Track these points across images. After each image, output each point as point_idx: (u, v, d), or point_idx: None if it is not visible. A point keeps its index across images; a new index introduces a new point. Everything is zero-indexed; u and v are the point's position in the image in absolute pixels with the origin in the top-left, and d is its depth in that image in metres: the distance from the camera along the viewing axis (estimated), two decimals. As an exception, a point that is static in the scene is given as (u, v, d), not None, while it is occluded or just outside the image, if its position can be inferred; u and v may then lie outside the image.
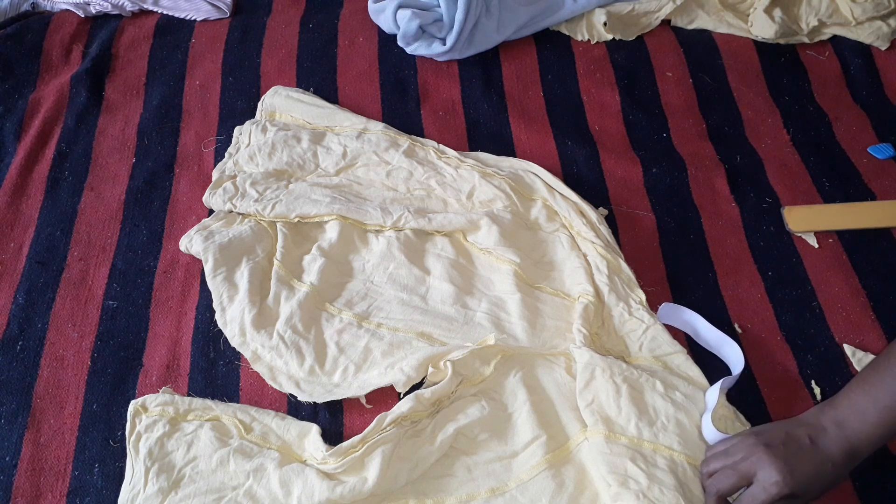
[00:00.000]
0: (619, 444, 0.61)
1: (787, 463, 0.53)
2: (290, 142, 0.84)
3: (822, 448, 0.54)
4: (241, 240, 0.76)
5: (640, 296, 0.72)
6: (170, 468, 0.62)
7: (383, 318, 0.72)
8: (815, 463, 0.53)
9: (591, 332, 0.69)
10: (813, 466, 0.53)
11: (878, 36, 0.97)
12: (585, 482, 0.61)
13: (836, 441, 0.54)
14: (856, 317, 0.73)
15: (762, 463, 0.54)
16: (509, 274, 0.73)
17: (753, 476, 0.54)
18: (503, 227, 0.76)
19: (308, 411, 0.67)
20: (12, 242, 0.80)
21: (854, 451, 0.54)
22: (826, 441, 0.54)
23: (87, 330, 0.73)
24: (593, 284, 0.72)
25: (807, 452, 0.54)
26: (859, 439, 0.53)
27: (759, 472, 0.54)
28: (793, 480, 0.53)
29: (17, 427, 0.67)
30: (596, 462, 0.61)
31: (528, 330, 0.70)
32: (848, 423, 0.54)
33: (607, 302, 0.72)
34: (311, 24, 1.00)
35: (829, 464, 0.53)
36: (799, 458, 0.53)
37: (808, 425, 0.55)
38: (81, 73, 0.95)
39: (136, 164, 0.87)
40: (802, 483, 0.53)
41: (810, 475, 0.53)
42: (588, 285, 0.72)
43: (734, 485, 0.55)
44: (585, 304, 0.70)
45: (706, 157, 0.87)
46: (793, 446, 0.54)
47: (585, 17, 0.99)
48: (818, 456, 0.53)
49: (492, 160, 0.84)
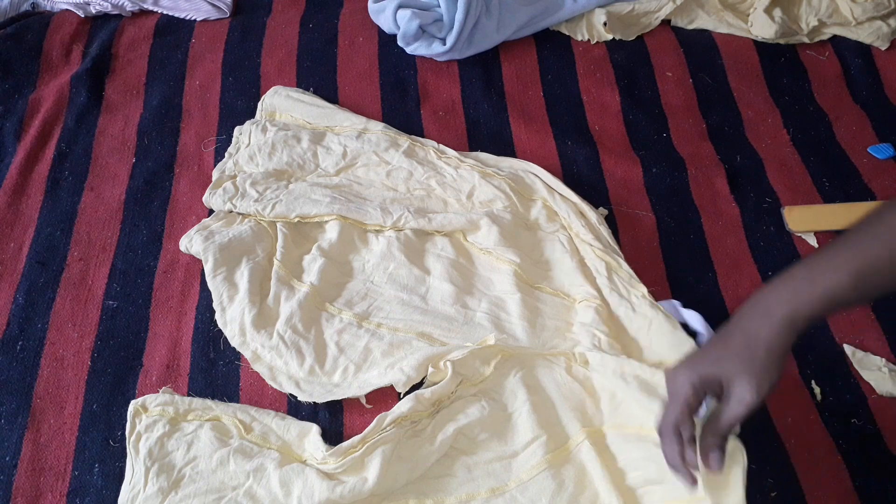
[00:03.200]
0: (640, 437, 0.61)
1: (756, 375, 0.51)
2: (290, 142, 0.84)
3: (778, 345, 0.51)
4: (241, 240, 0.76)
5: (642, 289, 0.72)
6: (170, 468, 0.62)
7: (383, 318, 0.72)
8: (778, 366, 0.52)
9: (611, 334, 0.69)
10: (777, 370, 0.52)
11: (878, 36, 0.97)
12: (585, 482, 0.61)
13: (787, 334, 0.51)
14: (856, 317, 0.73)
15: (736, 377, 0.52)
16: (509, 274, 0.73)
17: (725, 388, 0.53)
18: (503, 228, 0.76)
19: (308, 411, 0.67)
20: (12, 242, 0.80)
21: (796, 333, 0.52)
22: (780, 335, 0.51)
23: (87, 330, 0.73)
24: (595, 286, 0.72)
25: (766, 355, 0.51)
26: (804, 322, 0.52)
27: (733, 387, 0.52)
28: (764, 389, 0.51)
29: (17, 427, 0.67)
30: (622, 450, 0.61)
31: (528, 330, 0.70)
32: (799, 312, 0.51)
33: (610, 303, 0.72)
34: (311, 24, 1.00)
35: (783, 358, 0.52)
36: (764, 363, 0.51)
37: (760, 321, 0.52)
38: (81, 73, 0.95)
39: (136, 164, 0.87)
40: (770, 387, 0.52)
41: (775, 377, 0.52)
42: (590, 287, 0.72)
43: (700, 398, 0.54)
44: (595, 307, 0.70)
45: (706, 157, 0.87)
46: (757, 353, 0.52)
47: (585, 17, 0.99)
48: (777, 353, 0.51)
49: (492, 160, 0.84)
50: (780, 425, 0.66)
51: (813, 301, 0.51)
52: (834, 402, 0.69)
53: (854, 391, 0.69)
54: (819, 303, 0.50)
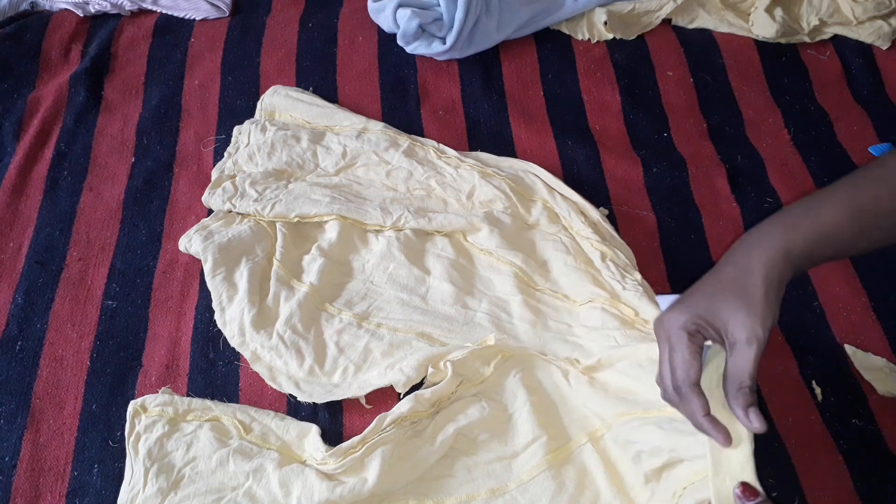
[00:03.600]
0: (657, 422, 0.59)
1: (754, 310, 0.47)
2: (290, 141, 0.84)
3: (774, 278, 0.48)
4: (240, 240, 0.75)
5: (637, 276, 0.71)
6: (169, 468, 0.62)
7: (383, 319, 0.71)
8: (776, 301, 0.48)
9: (624, 325, 0.68)
10: (775, 305, 0.48)
11: (879, 35, 0.97)
12: (586, 483, 0.61)
13: (783, 267, 0.48)
14: (856, 317, 0.73)
15: (733, 317, 0.47)
16: (510, 275, 0.73)
17: (723, 332, 0.48)
18: (504, 229, 0.75)
19: (308, 411, 0.67)
20: (11, 242, 0.80)
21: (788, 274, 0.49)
22: (776, 268, 0.48)
23: (87, 330, 0.73)
24: (599, 284, 0.71)
25: (763, 287, 0.48)
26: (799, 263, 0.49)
27: (733, 329, 0.47)
28: (768, 324, 0.47)
29: (17, 427, 0.67)
30: (637, 439, 0.59)
31: (528, 331, 0.70)
32: (795, 244, 0.48)
33: (610, 285, 0.71)
34: (311, 24, 1.00)
35: (779, 294, 0.48)
36: (761, 296, 0.47)
37: (754, 253, 0.49)
38: (80, 72, 0.95)
39: (136, 164, 0.86)
40: (772, 324, 0.48)
41: (775, 313, 0.48)
42: (593, 287, 0.71)
43: (699, 343, 0.49)
44: (601, 307, 0.69)
45: (707, 157, 0.87)
46: (752, 285, 0.48)
47: (586, 17, 0.99)
48: (774, 287, 0.48)
49: (492, 160, 0.84)
50: (780, 425, 0.66)
51: (809, 235, 0.48)
52: (834, 402, 0.68)
53: (854, 391, 0.69)
54: (816, 237, 0.48)
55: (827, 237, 0.48)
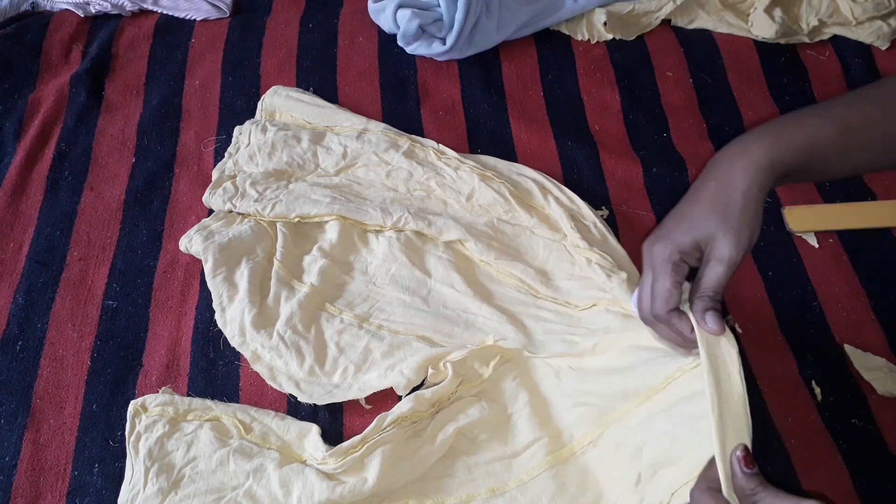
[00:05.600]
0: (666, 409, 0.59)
1: (732, 227, 0.47)
2: (290, 142, 0.84)
3: (756, 188, 0.48)
4: (240, 240, 0.76)
5: (623, 275, 0.69)
6: (169, 468, 0.62)
7: (384, 320, 0.71)
8: (756, 213, 0.48)
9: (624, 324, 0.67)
10: (756, 218, 0.48)
11: (879, 36, 0.97)
12: (587, 483, 0.61)
13: (765, 177, 0.48)
14: (856, 317, 0.73)
15: (713, 237, 0.48)
16: (510, 286, 0.73)
17: (704, 251, 0.49)
18: (501, 238, 0.75)
19: (308, 411, 0.67)
20: (12, 242, 0.80)
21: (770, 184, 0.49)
22: (758, 177, 0.48)
23: (87, 330, 0.73)
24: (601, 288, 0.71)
25: (742, 200, 0.48)
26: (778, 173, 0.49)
27: (712, 247, 0.48)
28: (744, 242, 0.48)
29: (17, 427, 0.67)
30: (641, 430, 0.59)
31: (525, 343, 0.69)
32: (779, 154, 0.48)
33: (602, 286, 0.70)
34: (311, 24, 1.00)
35: (760, 204, 0.49)
36: (741, 209, 0.47)
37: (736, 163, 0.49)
38: (81, 72, 0.95)
39: (136, 164, 0.86)
40: (749, 239, 0.48)
41: (755, 227, 0.48)
42: (595, 290, 0.71)
43: (684, 272, 0.50)
44: (604, 309, 0.69)
45: (707, 157, 0.85)
46: (732, 198, 0.48)
47: (585, 17, 0.99)
48: (755, 198, 0.48)
49: (491, 162, 0.84)
50: (780, 425, 0.66)
51: (795, 145, 0.48)
52: (834, 402, 0.68)
53: (854, 391, 0.69)
54: (801, 148, 0.47)
55: (814, 150, 0.48)
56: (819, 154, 0.48)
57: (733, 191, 0.48)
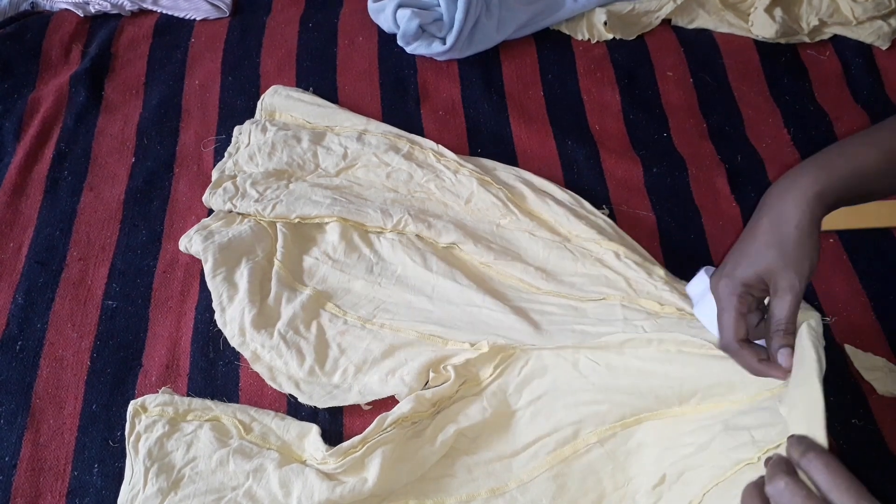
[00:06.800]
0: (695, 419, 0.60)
1: (791, 259, 0.50)
2: (290, 142, 0.84)
3: (808, 221, 0.51)
4: (240, 240, 0.75)
5: (660, 272, 0.69)
6: (169, 468, 0.62)
7: (387, 320, 0.71)
8: (812, 242, 0.51)
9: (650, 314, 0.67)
10: (812, 247, 0.51)
11: (879, 35, 0.97)
12: (588, 483, 0.61)
13: (817, 208, 0.51)
14: (856, 317, 0.73)
15: (775, 271, 0.51)
16: (510, 287, 0.73)
17: (769, 284, 0.52)
18: (500, 240, 0.75)
19: (308, 412, 0.67)
20: (11, 242, 0.80)
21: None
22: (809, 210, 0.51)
23: (87, 330, 0.73)
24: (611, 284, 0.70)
25: (797, 233, 0.51)
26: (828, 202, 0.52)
27: (776, 280, 0.51)
28: (805, 270, 0.51)
29: (17, 427, 0.67)
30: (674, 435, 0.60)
31: (532, 333, 0.69)
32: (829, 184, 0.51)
33: (637, 280, 0.70)
34: (311, 24, 1.00)
35: (815, 234, 0.51)
36: (796, 242, 0.50)
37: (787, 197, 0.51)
38: (81, 72, 0.95)
39: (136, 164, 0.86)
40: (810, 267, 0.51)
41: (813, 256, 0.51)
42: (604, 287, 0.70)
43: (748, 303, 0.53)
44: (618, 304, 0.68)
45: (707, 157, 0.87)
46: (786, 232, 0.51)
47: (586, 17, 0.99)
48: (808, 230, 0.51)
49: (490, 165, 0.84)
50: (780, 425, 0.66)
51: (842, 174, 0.50)
52: (834, 403, 0.68)
53: (854, 391, 0.69)
54: (848, 176, 0.50)
55: (860, 177, 0.50)
56: (865, 180, 0.51)
57: (787, 224, 0.51)
